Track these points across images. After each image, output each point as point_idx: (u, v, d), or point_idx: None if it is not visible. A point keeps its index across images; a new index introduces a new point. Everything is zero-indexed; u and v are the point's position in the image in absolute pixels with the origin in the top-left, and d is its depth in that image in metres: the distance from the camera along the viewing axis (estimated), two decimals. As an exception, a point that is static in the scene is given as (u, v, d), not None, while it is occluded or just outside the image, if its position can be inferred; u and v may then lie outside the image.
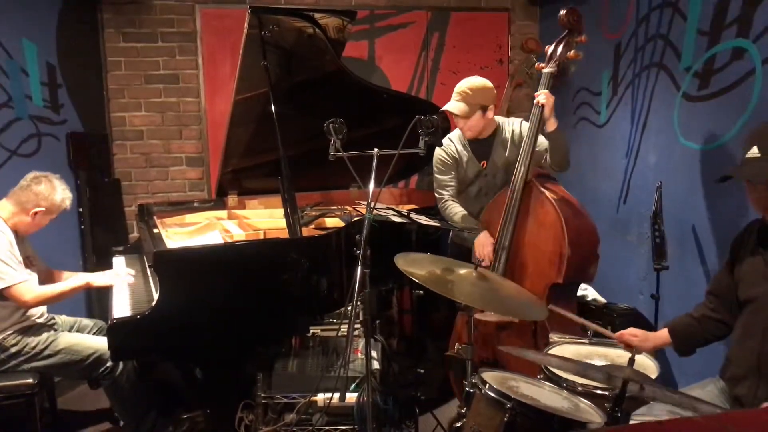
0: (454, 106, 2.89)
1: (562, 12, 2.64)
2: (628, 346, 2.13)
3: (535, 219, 2.69)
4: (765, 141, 1.79)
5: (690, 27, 2.80)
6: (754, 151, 1.80)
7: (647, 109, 3.18)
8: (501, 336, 2.78)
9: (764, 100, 2.37)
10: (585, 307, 3.18)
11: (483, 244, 2.82)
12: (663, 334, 2.14)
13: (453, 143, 3.06)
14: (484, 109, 2.89)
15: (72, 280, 2.82)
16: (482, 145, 3.01)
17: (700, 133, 2.75)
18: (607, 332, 2.24)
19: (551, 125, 2.68)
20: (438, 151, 3.08)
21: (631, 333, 2.16)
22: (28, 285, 2.62)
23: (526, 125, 2.93)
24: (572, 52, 2.66)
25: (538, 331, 2.65)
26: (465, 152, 3.03)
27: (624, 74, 3.41)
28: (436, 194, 3.11)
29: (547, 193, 2.66)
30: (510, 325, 2.72)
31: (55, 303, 2.81)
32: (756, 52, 2.41)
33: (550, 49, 2.72)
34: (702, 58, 2.72)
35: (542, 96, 2.64)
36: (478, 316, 2.58)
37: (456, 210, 2.99)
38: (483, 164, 3.01)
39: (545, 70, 2.71)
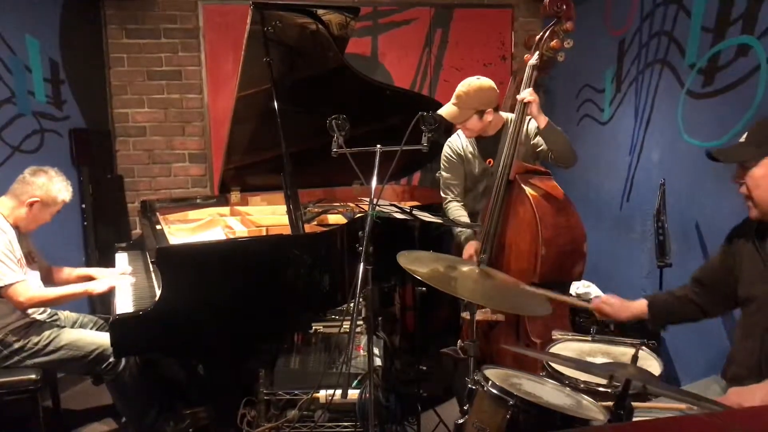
0: (446, 110, 2.86)
1: (546, 0, 2.58)
2: (602, 314, 2.16)
3: (516, 217, 2.68)
4: (753, 130, 1.84)
5: (694, 24, 2.79)
6: (742, 138, 1.86)
7: (651, 106, 3.17)
8: (490, 334, 2.79)
9: (769, 97, 2.36)
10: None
11: (471, 253, 2.82)
12: (640, 305, 2.15)
13: (459, 139, 3.04)
14: (481, 113, 2.86)
15: (71, 287, 2.80)
16: (488, 143, 2.98)
17: (704, 131, 2.74)
18: (580, 302, 2.25)
19: (542, 122, 2.65)
20: (445, 148, 3.07)
21: (606, 301, 2.17)
22: (24, 286, 2.60)
23: (534, 124, 2.92)
24: (555, 41, 2.59)
25: (520, 330, 2.66)
26: (471, 149, 3.01)
27: (628, 71, 3.40)
28: (441, 193, 3.10)
29: (528, 190, 2.62)
30: (497, 323, 2.73)
31: (51, 306, 2.81)
32: (761, 49, 2.39)
33: (536, 38, 2.68)
34: (706, 54, 2.71)
35: (527, 94, 2.60)
36: (463, 314, 2.59)
37: (459, 214, 2.99)
38: (489, 162, 2.99)
39: (529, 62, 2.67)
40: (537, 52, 2.64)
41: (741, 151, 1.84)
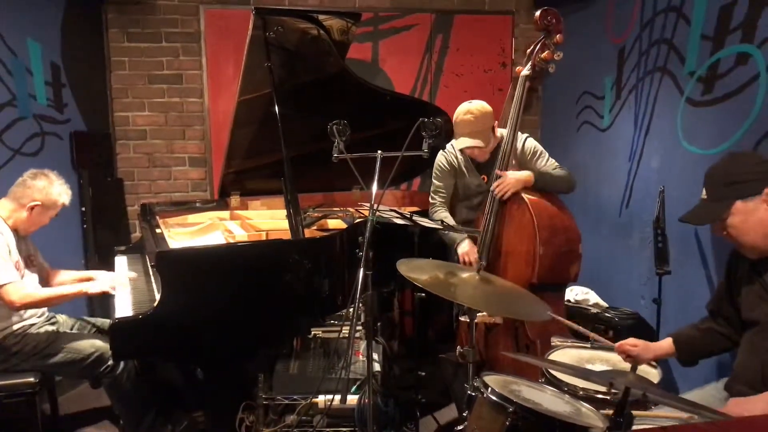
0: (472, 142, 2.82)
1: (537, 14, 2.65)
2: (628, 357, 2.10)
3: (512, 219, 2.74)
4: (710, 183, 1.89)
5: (694, 32, 2.80)
6: (703, 194, 1.90)
7: (650, 114, 3.18)
8: (488, 338, 2.80)
9: (768, 106, 2.37)
10: (587, 312, 3.18)
11: (468, 252, 2.85)
12: (666, 344, 2.10)
13: (455, 151, 3.04)
14: (493, 129, 2.90)
15: (66, 287, 2.78)
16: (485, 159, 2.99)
17: (704, 138, 2.75)
18: (606, 341, 2.22)
19: (530, 181, 2.71)
20: (440, 155, 3.07)
21: (631, 343, 2.11)
22: (16, 286, 2.57)
23: (530, 141, 2.94)
24: (546, 53, 2.66)
25: (519, 333, 2.69)
26: (467, 163, 3.01)
27: (627, 78, 3.41)
28: (429, 198, 3.13)
29: (522, 193, 2.70)
30: (495, 327, 2.74)
31: (45, 307, 2.81)
32: (761, 58, 2.40)
33: (528, 50, 2.75)
34: (706, 63, 2.72)
35: (498, 190, 2.68)
36: (462, 318, 2.60)
37: (444, 216, 3.02)
38: (484, 178, 2.99)
39: (522, 73, 2.74)
40: (529, 63, 2.71)
41: (708, 210, 1.87)
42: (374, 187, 2.13)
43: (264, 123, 3.11)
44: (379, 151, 2.19)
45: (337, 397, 2.27)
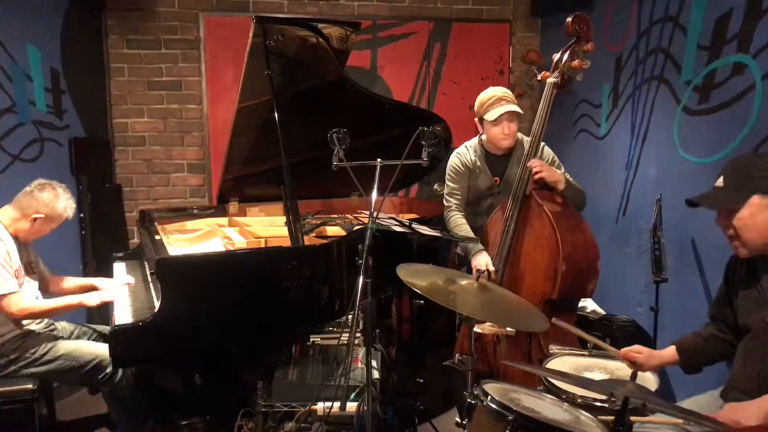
0: (511, 107, 2.82)
1: (569, 19, 2.60)
2: (632, 364, 2.09)
3: (532, 232, 2.68)
4: (731, 173, 1.85)
5: (690, 41, 2.83)
6: (719, 182, 1.86)
7: (647, 122, 3.20)
8: (498, 348, 2.79)
9: (764, 115, 2.40)
10: (584, 319, 3.18)
11: (481, 265, 2.77)
12: (669, 352, 2.10)
13: (469, 152, 3.03)
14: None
15: (65, 298, 2.79)
16: (499, 160, 2.98)
17: (700, 147, 2.77)
18: (611, 348, 2.22)
19: (561, 184, 2.69)
20: (453, 157, 3.06)
21: (636, 350, 2.11)
22: (17, 297, 2.58)
23: (548, 150, 2.92)
24: (576, 61, 2.61)
25: (533, 343, 2.65)
26: (480, 164, 3.00)
27: (624, 87, 3.44)
28: (444, 201, 3.11)
29: (545, 206, 2.63)
30: (507, 337, 2.72)
31: (44, 318, 2.81)
32: (756, 68, 2.43)
33: (556, 57, 2.69)
34: (702, 72, 2.75)
35: (536, 167, 2.64)
36: (475, 327, 2.58)
37: (459, 222, 2.99)
38: (496, 180, 2.98)
39: (549, 80, 2.68)
40: (557, 71, 2.65)
41: (723, 196, 1.83)
42: (374, 195, 2.14)
43: (263, 130, 3.12)
44: (379, 160, 2.20)
45: (337, 404, 2.27)
